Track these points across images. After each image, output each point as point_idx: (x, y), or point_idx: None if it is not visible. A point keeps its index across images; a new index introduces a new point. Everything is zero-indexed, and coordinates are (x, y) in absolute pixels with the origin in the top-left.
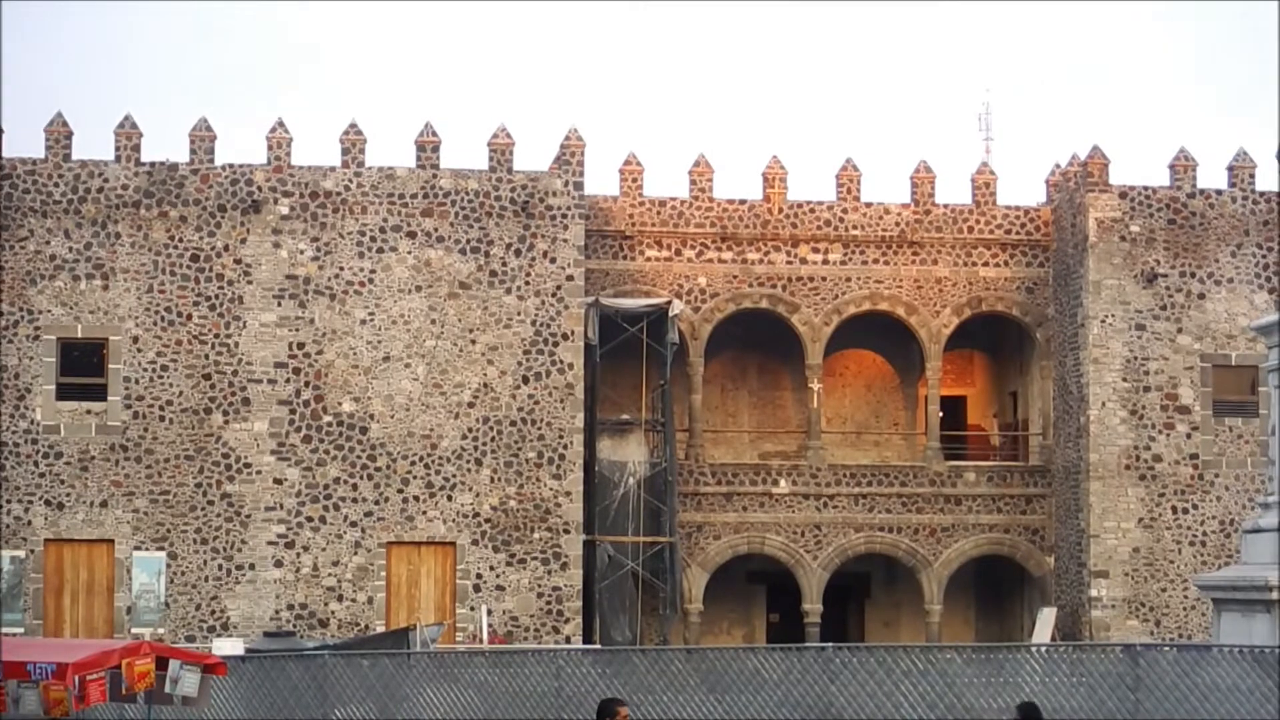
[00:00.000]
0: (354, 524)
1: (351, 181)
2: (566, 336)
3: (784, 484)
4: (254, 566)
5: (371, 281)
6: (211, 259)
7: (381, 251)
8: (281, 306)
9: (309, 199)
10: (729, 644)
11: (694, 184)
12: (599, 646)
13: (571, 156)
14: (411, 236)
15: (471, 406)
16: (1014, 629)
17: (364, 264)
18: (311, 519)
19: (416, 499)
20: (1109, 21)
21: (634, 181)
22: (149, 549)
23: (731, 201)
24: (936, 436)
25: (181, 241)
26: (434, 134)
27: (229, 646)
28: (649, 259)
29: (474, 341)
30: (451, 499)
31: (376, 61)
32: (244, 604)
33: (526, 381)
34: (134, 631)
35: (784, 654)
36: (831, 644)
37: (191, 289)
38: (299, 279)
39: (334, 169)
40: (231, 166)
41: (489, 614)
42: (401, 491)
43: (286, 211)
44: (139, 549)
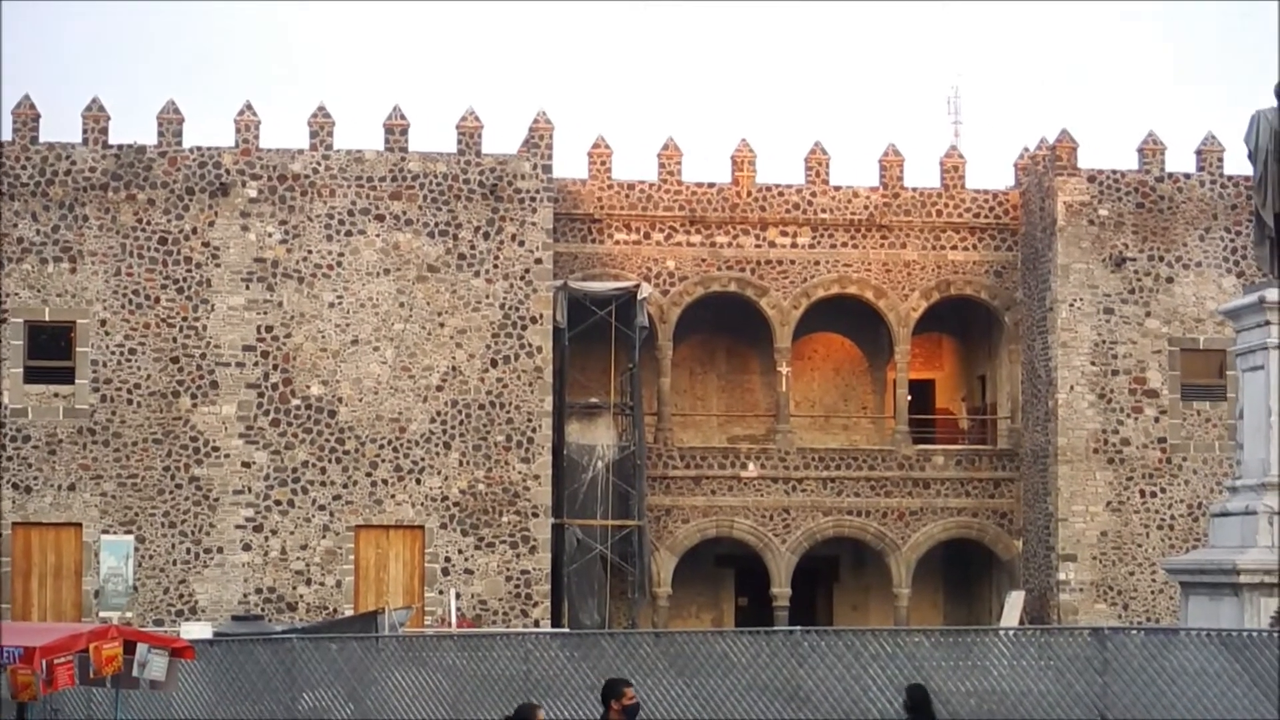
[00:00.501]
0: (322, 507)
1: (320, 164)
2: (535, 320)
3: (752, 467)
4: (222, 550)
5: (340, 264)
6: (179, 242)
7: (350, 234)
8: (250, 290)
9: (277, 182)
10: (697, 627)
11: (663, 167)
12: (567, 630)
13: (540, 139)
14: (380, 219)
15: (440, 390)
16: (982, 613)
17: (332, 247)
18: (280, 502)
19: (385, 482)
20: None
21: (602, 164)
22: (117, 532)
23: (700, 185)
24: (905, 420)
25: (149, 224)
26: (402, 117)
27: (197, 630)
28: (617, 242)
29: (442, 325)
30: (420, 482)
31: (345, 44)
32: (212, 588)
33: (495, 365)
34: (102, 615)
35: (752, 637)
36: (800, 627)
37: (159, 272)
38: (267, 262)
39: (302, 152)
40: (199, 149)
41: (457, 597)
42: (370, 475)
43: (255, 194)
44: (107, 532)
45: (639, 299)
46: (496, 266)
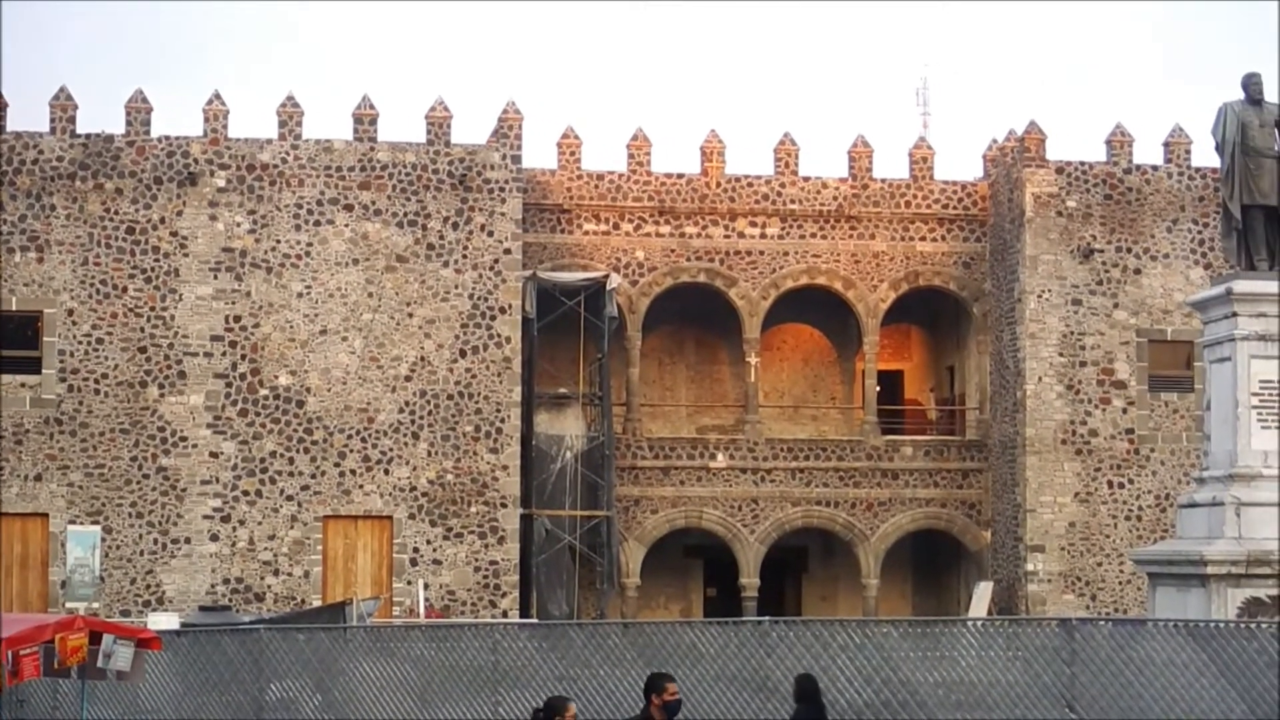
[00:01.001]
0: (290, 498)
1: (288, 154)
2: (504, 310)
3: (721, 458)
4: (189, 540)
5: (308, 254)
6: (147, 231)
7: (318, 224)
8: (218, 279)
9: (246, 171)
10: (666, 618)
11: (632, 158)
12: (536, 621)
13: (509, 130)
14: (349, 209)
15: (409, 380)
16: (950, 603)
17: (301, 237)
18: (247, 493)
19: (353, 473)
20: None
21: (572, 155)
22: (83, 523)
23: (669, 175)
24: (873, 411)
25: (117, 214)
26: (371, 107)
27: (164, 621)
28: (587, 233)
29: (411, 315)
30: (388, 473)
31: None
32: (179, 578)
33: (464, 355)
34: (68, 606)
35: (721, 628)
36: (768, 618)
37: (127, 262)
38: (235, 252)
39: (271, 141)
40: (168, 139)
41: (425, 588)
42: (338, 465)
43: (223, 184)
44: (73, 523)
45: (608, 289)
46: (465, 257)
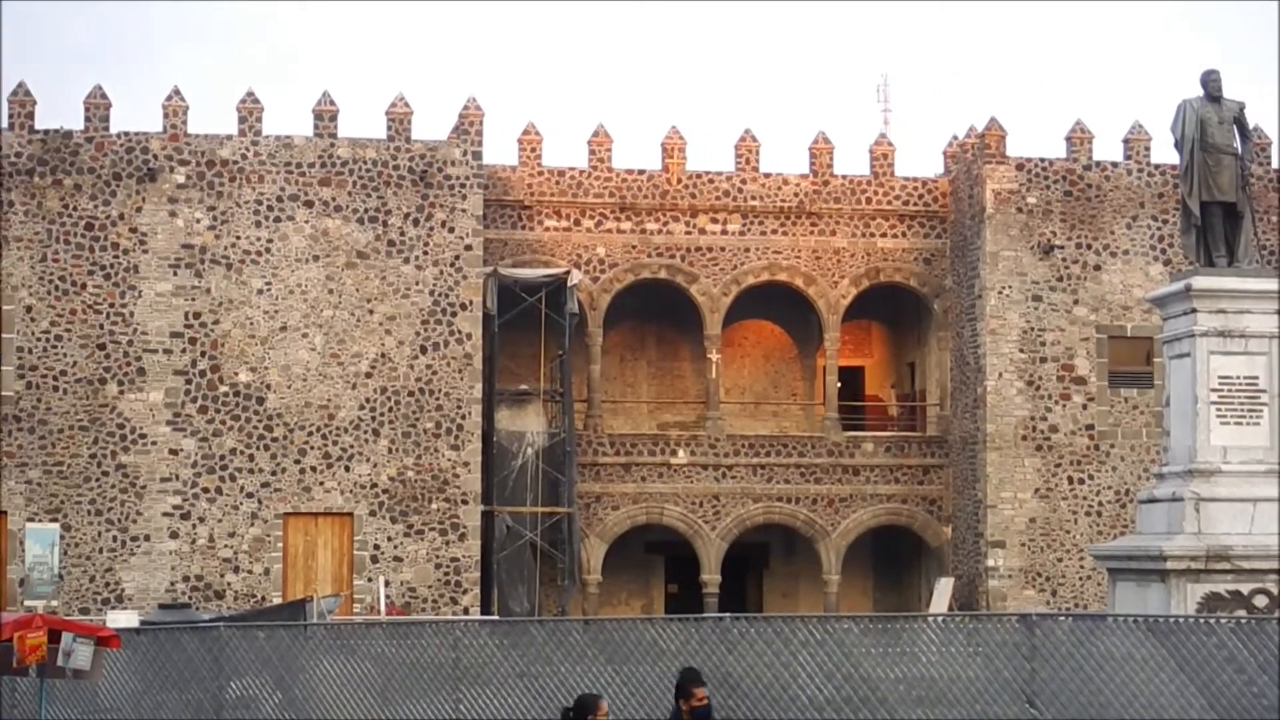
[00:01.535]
0: (250, 495)
1: (248, 150)
2: (465, 306)
3: (682, 454)
4: (149, 538)
5: (268, 251)
6: (106, 227)
7: (279, 220)
8: (177, 276)
9: (205, 168)
10: (627, 615)
11: (593, 154)
12: (497, 618)
13: (470, 126)
14: (309, 206)
15: (369, 377)
16: (911, 599)
17: (261, 233)
18: (207, 490)
19: (313, 469)
20: None
21: (533, 151)
22: (42, 520)
23: (630, 172)
24: (834, 407)
25: (76, 210)
26: (332, 103)
27: (124, 619)
28: (548, 229)
29: (372, 311)
30: (349, 469)
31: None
32: (139, 576)
33: (424, 352)
34: (27, 604)
35: (681, 624)
36: (729, 614)
37: (86, 258)
38: (195, 248)
39: (231, 137)
40: (127, 134)
41: (386, 585)
42: (298, 462)
43: (183, 180)
44: (32, 520)
45: (569, 286)
46: (426, 253)
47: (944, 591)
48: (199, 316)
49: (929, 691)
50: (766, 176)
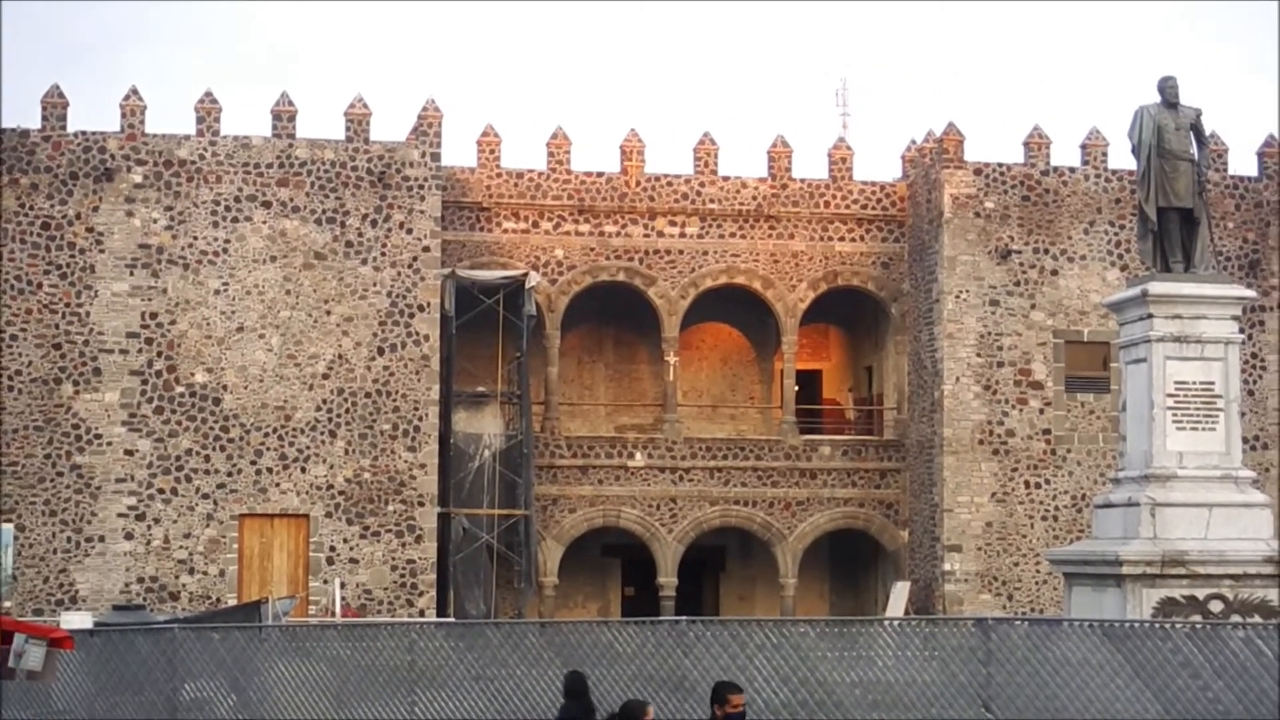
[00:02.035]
0: (206, 496)
1: (206, 150)
2: (423, 308)
3: (640, 457)
4: (104, 539)
5: (226, 251)
6: (63, 227)
7: (236, 221)
8: (134, 276)
9: (163, 167)
10: (584, 617)
11: (551, 156)
12: (453, 620)
13: (429, 127)
14: (267, 206)
15: (326, 378)
16: (868, 603)
17: (218, 234)
18: (163, 491)
19: (270, 471)
20: None
21: (491, 153)
22: None
23: (589, 174)
24: (792, 410)
25: (32, 209)
26: (290, 103)
27: (77, 620)
28: (506, 231)
29: (329, 312)
30: (305, 471)
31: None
32: (93, 577)
33: (382, 353)
34: None
35: (638, 627)
36: (685, 617)
37: (42, 257)
38: (152, 248)
39: (189, 137)
40: (84, 134)
41: (342, 587)
42: (254, 463)
43: (140, 180)
44: None
45: (527, 288)
46: (384, 254)
47: (900, 595)
48: (155, 317)
49: (885, 695)
50: (725, 180)
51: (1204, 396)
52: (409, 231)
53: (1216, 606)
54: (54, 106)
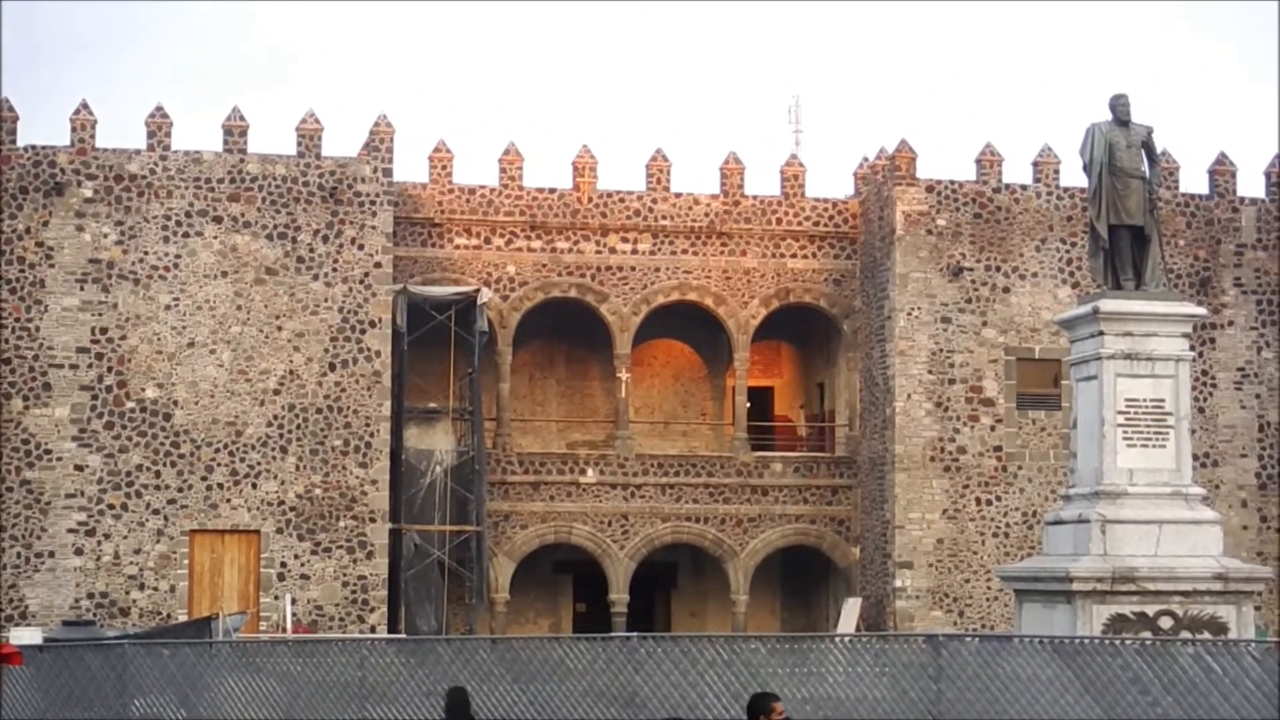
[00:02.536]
0: (156, 511)
1: (157, 165)
2: (374, 324)
3: (591, 473)
4: (53, 554)
5: (177, 266)
6: (12, 241)
7: (187, 236)
8: (84, 291)
9: (113, 182)
10: (535, 634)
11: (504, 172)
12: (404, 636)
13: (380, 143)
14: (218, 221)
15: (277, 394)
16: (819, 619)
17: (169, 249)
18: (113, 506)
19: (220, 486)
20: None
21: (443, 169)
22: None
23: (541, 190)
24: (744, 427)
25: None
26: (242, 118)
27: (27, 636)
28: (458, 247)
29: (280, 328)
30: (256, 487)
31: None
32: (43, 592)
33: (333, 369)
34: None
35: (589, 644)
36: (637, 634)
37: None
38: (102, 263)
39: (139, 152)
40: (34, 148)
41: (293, 603)
42: (205, 479)
43: (90, 194)
44: None
45: (479, 304)
46: (335, 270)
47: (851, 612)
48: (106, 332)
49: (835, 711)
50: (677, 196)
51: (1155, 414)
52: (360, 247)
53: (1166, 623)
54: (3, 120)
